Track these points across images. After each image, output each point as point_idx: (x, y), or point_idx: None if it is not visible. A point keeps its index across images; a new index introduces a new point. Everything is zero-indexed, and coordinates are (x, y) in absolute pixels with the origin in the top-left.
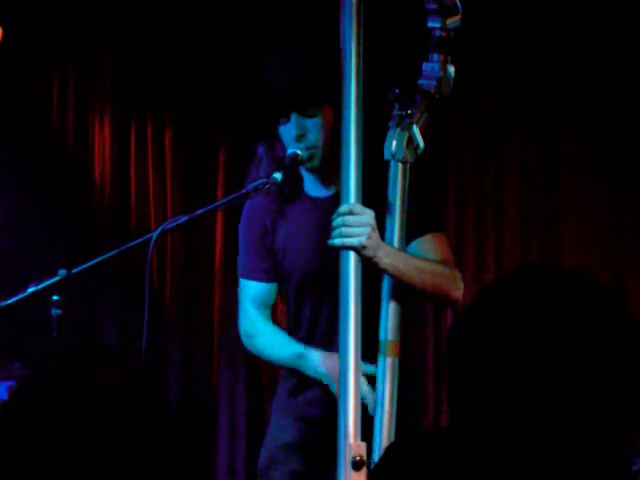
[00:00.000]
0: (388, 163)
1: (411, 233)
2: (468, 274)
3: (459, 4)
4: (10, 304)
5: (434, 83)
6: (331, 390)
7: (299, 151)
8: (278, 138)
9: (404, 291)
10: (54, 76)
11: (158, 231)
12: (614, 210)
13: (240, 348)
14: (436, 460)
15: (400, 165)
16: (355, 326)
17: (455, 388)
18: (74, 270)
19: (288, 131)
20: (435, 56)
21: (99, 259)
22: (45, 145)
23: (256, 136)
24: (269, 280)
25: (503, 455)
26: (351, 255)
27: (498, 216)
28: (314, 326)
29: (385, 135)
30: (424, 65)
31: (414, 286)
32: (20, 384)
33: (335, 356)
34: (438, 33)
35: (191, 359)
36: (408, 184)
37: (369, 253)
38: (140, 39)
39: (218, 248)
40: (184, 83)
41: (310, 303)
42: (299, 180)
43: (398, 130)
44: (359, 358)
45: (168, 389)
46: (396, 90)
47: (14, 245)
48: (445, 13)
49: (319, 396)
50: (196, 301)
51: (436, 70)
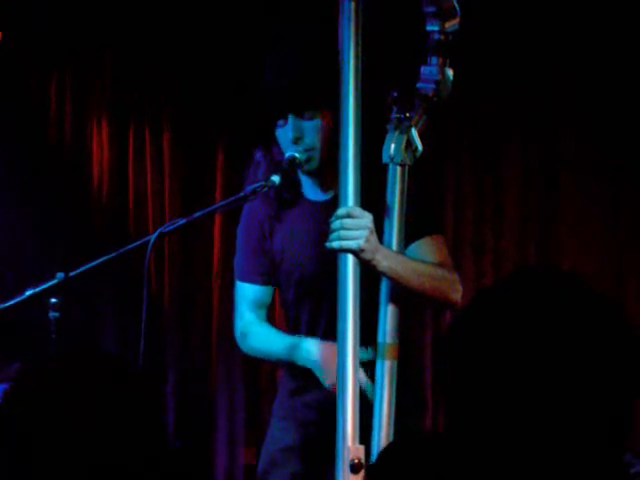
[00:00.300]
0: (386, 166)
1: (409, 236)
2: (467, 276)
3: (457, 7)
4: (8, 307)
5: (432, 86)
6: (321, 383)
7: (297, 154)
8: (276, 143)
9: (402, 294)
10: (53, 76)
11: (156, 234)
12: (614, 210)
13: (237, 351)
14: (432, 461)
15: (398, 168)
16: (353, 329)
17: (452, 390)
18: (72, 273)
19: (285, 134)
20: (434, 59)
21: (97, 262)
22: (44, 146)
23: (254, 139)
24: (265, 283)
25: (500, 457)
26: (349, 258)
27: (498, 217)
28: (312, 329)
29: (383, 138)
30: (422, 68)
31: (412, 289)
32: (14, 385)
33: (332, 346)
34: (437, 36)
35: (189, 362)
36: (406, 187)
37: (367, 256)
38: (139, 40)
39: (216, 251)
40: (183, 84)
41: (308, 306)
42: (297, 183)
43: (396, 133)
44: (357, 361)
45: (164, 391)
46: (394, 93)
47: (12, 246)
48: (444, 16)
49: (318, 399)
50: (194, 304)
51: (434, 73)
